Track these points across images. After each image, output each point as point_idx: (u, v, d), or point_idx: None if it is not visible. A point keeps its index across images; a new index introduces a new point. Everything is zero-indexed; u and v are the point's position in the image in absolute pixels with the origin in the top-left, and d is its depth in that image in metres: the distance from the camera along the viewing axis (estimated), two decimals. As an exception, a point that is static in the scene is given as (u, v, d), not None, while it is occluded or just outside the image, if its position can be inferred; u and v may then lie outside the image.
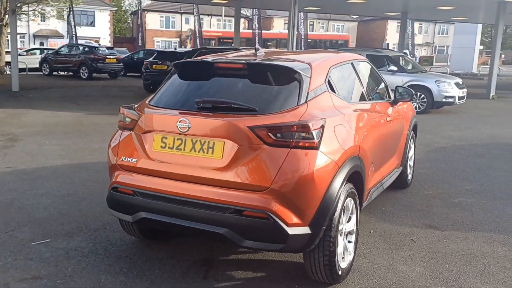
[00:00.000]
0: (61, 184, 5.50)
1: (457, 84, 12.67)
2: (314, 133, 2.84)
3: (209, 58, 3.58)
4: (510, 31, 59.81)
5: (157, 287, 3.20)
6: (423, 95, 12.45)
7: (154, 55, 17.49)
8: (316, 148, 2.84)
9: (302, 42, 31.51)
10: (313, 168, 2.80)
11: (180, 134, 3.02)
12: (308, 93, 3.11)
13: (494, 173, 6.46)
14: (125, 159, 3.26)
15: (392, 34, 64.48)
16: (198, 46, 29.35)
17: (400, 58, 13.52)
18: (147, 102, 3.45)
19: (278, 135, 2.82)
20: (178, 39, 53.23)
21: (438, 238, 4.13)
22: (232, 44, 26.69)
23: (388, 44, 49.46)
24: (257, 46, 4.02)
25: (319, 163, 2.83)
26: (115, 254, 3.70)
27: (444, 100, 12.36)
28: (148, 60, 16.93)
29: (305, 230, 2.81)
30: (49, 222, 4.32)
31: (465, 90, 13.05)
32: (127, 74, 24.61)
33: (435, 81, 12.46)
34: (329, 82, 3.41)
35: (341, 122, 3.22)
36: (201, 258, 3.65)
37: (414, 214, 4.71)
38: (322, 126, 2.92)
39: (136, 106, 3.46)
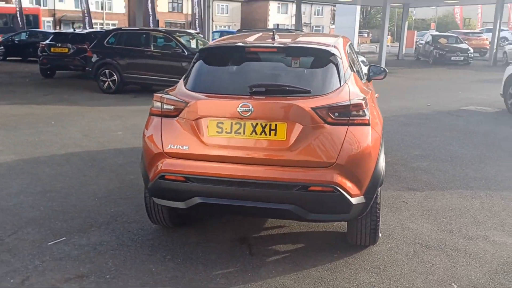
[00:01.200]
0: (30, 180, 5.10)
1: (363, 62, 13.78)
2: (365, 110, 3.12)
3: (239, 42, 3.63)
4: (374, 12, 65.17)
5: (211, 268, 3.28)
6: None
7: (51, 37, 16.06)
8: (368, 124, 3.13)
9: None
10: (368, 142, 3.09)
11: (239, 118, 3.09)
12: (344, 74, 3.37)
13: (428, 139, 7.37)
14: (173, 146, 3.23)
15: (274, 15, 66.70)
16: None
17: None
18: (184, 88, 3.40)
19: (337, 114, 3.05)
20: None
21: (423, 197, 4.73)
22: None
23: (278, 24, 51.03)
24: (274, 29, 4.13)
25: (372, 137, 3.13)
26: (146, 244, 3.65)
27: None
28: (45, 43, 15.51)
29: (362, 199, 3.11)
30: (49, 221, 4.05)
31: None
32: (7, 58, 22.25)
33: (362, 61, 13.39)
34: (350, 63, 3.70)
35: (372, 100, 3.54)
36: (236, 238, 3.76)
37: (390, 179, 5.27)
38: (367, 104, 3.21)
39: (172, 92, 3.41)
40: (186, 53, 11.38)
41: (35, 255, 3.45)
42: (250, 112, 3.05)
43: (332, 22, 56.40)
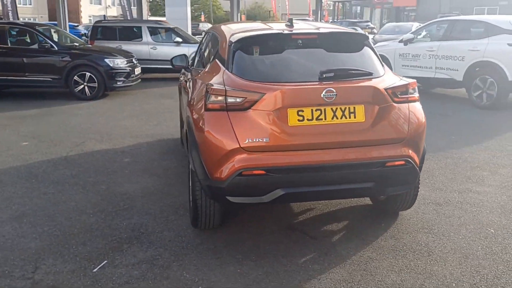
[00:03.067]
0: (24, 190, 4.18)
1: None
2: (416, 88, 3.47)
3: (277, 30, 3.61)
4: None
5: (292, 257, 3.28)
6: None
7: None
8: (418, 100, 3.48)
9: None
10: (423, 116, 3.45)
11: (319, 105, 3.12)
12: (378, 57, 3.66)
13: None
14: (252, 140, 3.10)
15: (86, 5, 62.64)
16: None
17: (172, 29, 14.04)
18: (240, 79, 3.25)
19: (399, 93, 3.33)
20: None
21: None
22: None
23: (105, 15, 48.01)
24: (289, 17, 4.11)
25: (422, 111, 3.50)
26: (202, 248, 3.45)
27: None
28: None
29: (419, 168, 3.47)
30: (62, 247, 3.48)
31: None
32: None
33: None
34: None
35: None
36: (283, 227, 3.79)
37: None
38: None
39: (221, 85, 3.23)
40: (56, 48, 10.20)
41: (91, 285, 2.96)
42: (334, 97, 3.12)
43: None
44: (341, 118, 3.17)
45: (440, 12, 40.58)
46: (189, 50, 13.35)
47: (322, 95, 3.11)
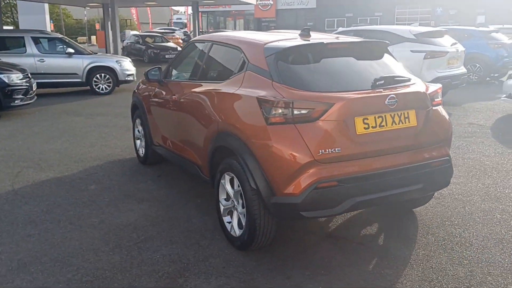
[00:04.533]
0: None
1: (131, 62, 13.52)
2: (441, 93, 3.75)
3: (317, 40, 3.60)
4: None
5: (356, 265, 3.32)
6: (107, 76, 12.64)
7: None
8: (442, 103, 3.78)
9: None
10: (448, 116, 3.76)
11: (381, 112, 3.21)
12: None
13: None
14: (325, 151, 3.05)
15: None
16: None
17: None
18: (298, 91, 3.17)
19: (435, 97, 3.59)
20: None
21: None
22: None
23: None
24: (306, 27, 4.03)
25: None
26: (268, 269, 3.29)
27: (127, 78, 13.00)
28: None
29: None
30: (113, 285, 3.01)
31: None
32: None
33: (116, 61, 12.86)
34: None
35: None
36: (323, 237, 3.80)
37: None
38: None
39: (290, 96, 3.12)
40: None
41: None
42: (395, 104, 3.23)
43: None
44: (399, 123, 3.30)
45: (296, 23, 43.78)
46: (83, 61, 12.39)
47: (386, 102, 3.21)
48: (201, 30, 43.26)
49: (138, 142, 6.01)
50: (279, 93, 3.18)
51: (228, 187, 3.61)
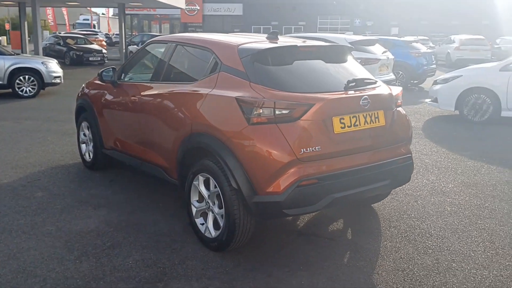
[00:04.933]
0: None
1: (57, 63, 12.81)
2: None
3: (291, 43, 3.66)
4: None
5: (331, 260, 3.42)
6: (32, 78, 11.87)
7: None
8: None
9: None
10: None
11: (356, 112, 3.34)
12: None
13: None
14: (306, 150, 3.11)
15: None
16: None
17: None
18: (277, 91, 3.20)
19: (398, 99, 3.80)
20: None
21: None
22: None
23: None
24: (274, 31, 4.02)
25: None
26: (248, 269, 3.28)
27: (53, 81, 12.29)
28: None
29: None
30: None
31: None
32: None
33: (42, 62, 12.12)
34: None
35: None
36: (294, 234, 3.86)
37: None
38: None
39: (267, 96, 3.15)
40: None
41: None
42: (368, 105, 3.38)
43: None
44: (370, 123, 3.45)
45: (223, 29, 44.02)
46: (4, 62, 11.56)
47: (360, 103, 3.34)
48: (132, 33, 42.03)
49: (83, 146, 5.71)
50: (259, 94, 3.20)
51: (202, 188, 3.55)
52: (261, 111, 3.13)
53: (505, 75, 8.43)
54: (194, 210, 3.68)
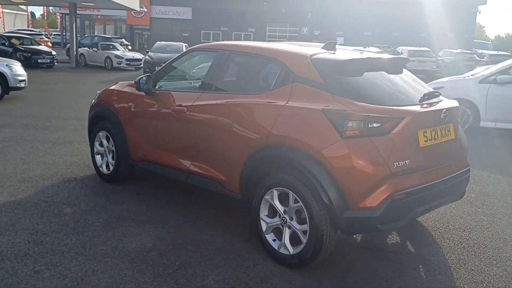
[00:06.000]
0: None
1: (22, 66, 12.03)
2: None
3: (365, 55, 3.70)
4: None
5: (400, 272, 3.48)
6: (-5, 81, 11.07)
7: None
8: None
9: None
10: None
11: (435, 125, 3.41)
12: None
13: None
14: (399, 163, 3.14)
15: None
16: None
17: None
18: (362, 103, 3.19)
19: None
20: None
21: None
22: None
23: None
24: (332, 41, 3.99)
25: None
26: (330, 286, 3.25)
27: (18, 85, 11.52)
28: None
29: None
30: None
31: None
32: None
33: (7, 65, 11.32)
34: None
35: None
36: (362, 247, 3.87)
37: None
38: None
39: (357, 109, 3.15)
40: None
41: None
42: (446, 118, 3.47)
43: None
44: (444, 136, 3.54)
45: (172, 34, 43.40)
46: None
47: (441, 116, 3.43)
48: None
49: (98, 157, 5.40)
50: (347, 106, 3.19)
51: (277, 203, 3.48)
52: (354, 124, 3.12)
53: (484, 87, 8.97)
54: (264, 225, 3.59)
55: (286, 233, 3.46)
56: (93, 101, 5.57)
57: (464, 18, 43.84)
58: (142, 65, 22.46)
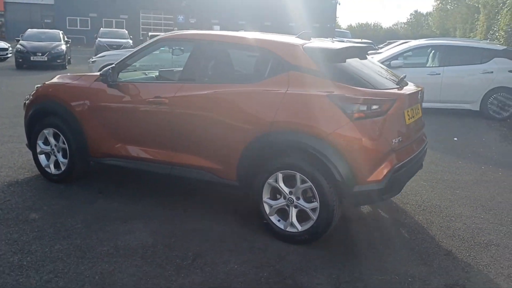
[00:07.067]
0: None
1: None
2: None
3: (347, 44, 3.97)
4: None
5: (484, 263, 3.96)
6: None
7: None
8: None
9: None
10: None
11: (413, 105, 3.87)
12: None
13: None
14: (395, 141, 3.54)
15: None
16: None
17: None
18: (361, 88, 3.49)
19: None
20: None
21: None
22: None
23: None
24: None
25: None
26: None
27: None
28: None
29: None
30: None
31: None
32: None
33: None
34: None
35: None
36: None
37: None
38: None
39: (358, 94, 3.45)
40: None
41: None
42: (419, 98, 3.95)
43: None
44: (417, 114, 4.04)
45: (31, 20, 39.63)
46: None
47: (418, 97, 3.91)
48: None
49: (43, 157, 4.96)
50: (350, 92, 3.47)
51: (282, 185, 3.64)
52: (359, 107, 3.42)
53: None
54: (268, 208, 3.73)
55: (293, 212, 3.65)
56: (27, 97, 5.08)
57: (326, 9, 47.49)
58: (8, 55, 20.22)
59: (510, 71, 9.66)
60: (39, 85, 5.15)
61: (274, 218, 3.74)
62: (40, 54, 17.31)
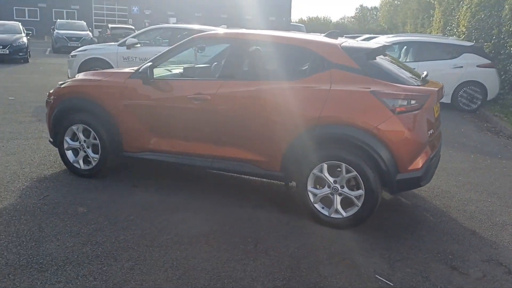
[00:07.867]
0: None
1: None
2: None
3: (377, 44, 4.32)
4: None
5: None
6: None
7: None
8: None
9: None
10: None
11: (438, 101, 4.27)
12: None
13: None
14: (429, 132, 3.98)
15: None
16: None
17: None
18: (399, 84, 3.84)
19: None
20: None
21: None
22: None
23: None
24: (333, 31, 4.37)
25: None
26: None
27: None
28: None
29: None
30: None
31: None
32: None
33: None
34: None
35: None
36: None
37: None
38: None
39: (398, 90, 3.81)
40: None
41: None
42: (442, 96, 4.39)
43: None
44: (439, 109, 4.46)
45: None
46: None
47: (442, 93, 4.33)
48: None
49: (70, 153, 5.01)
50: (391, 88, 3.83)
51: (327, 175, 3.96)
52: (401, 102, 3.80)
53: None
54: (312, 197, 4.05)
55: (337, 200, 3.98)
56: (56, 92, 5.10)
57: (281, 3, 48.03)
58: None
59: (478, 66, 10.47)
60: (62, 82, 5.18)
61: (318, 206, 4.06)
62: (1, 47, 16.60)
